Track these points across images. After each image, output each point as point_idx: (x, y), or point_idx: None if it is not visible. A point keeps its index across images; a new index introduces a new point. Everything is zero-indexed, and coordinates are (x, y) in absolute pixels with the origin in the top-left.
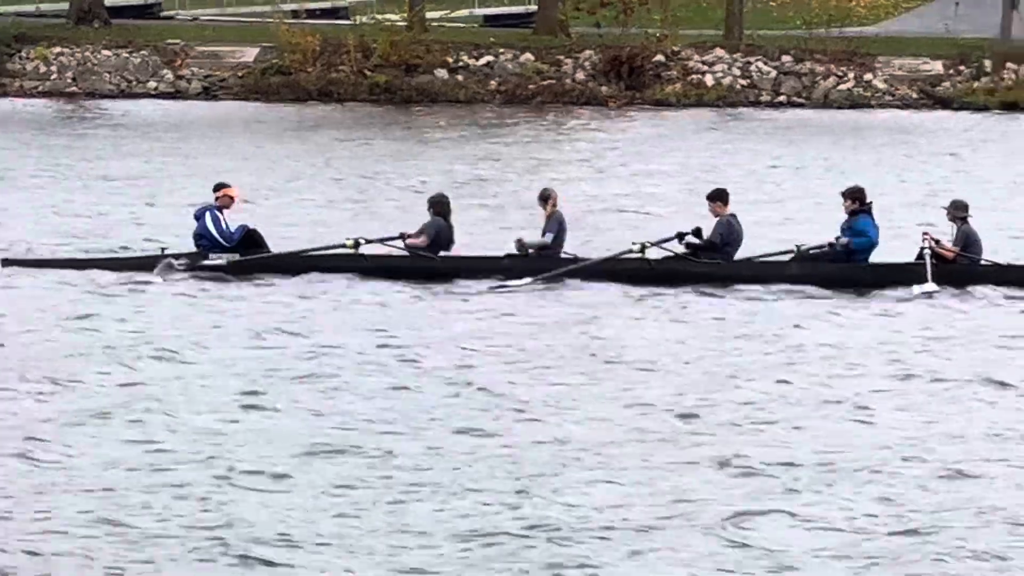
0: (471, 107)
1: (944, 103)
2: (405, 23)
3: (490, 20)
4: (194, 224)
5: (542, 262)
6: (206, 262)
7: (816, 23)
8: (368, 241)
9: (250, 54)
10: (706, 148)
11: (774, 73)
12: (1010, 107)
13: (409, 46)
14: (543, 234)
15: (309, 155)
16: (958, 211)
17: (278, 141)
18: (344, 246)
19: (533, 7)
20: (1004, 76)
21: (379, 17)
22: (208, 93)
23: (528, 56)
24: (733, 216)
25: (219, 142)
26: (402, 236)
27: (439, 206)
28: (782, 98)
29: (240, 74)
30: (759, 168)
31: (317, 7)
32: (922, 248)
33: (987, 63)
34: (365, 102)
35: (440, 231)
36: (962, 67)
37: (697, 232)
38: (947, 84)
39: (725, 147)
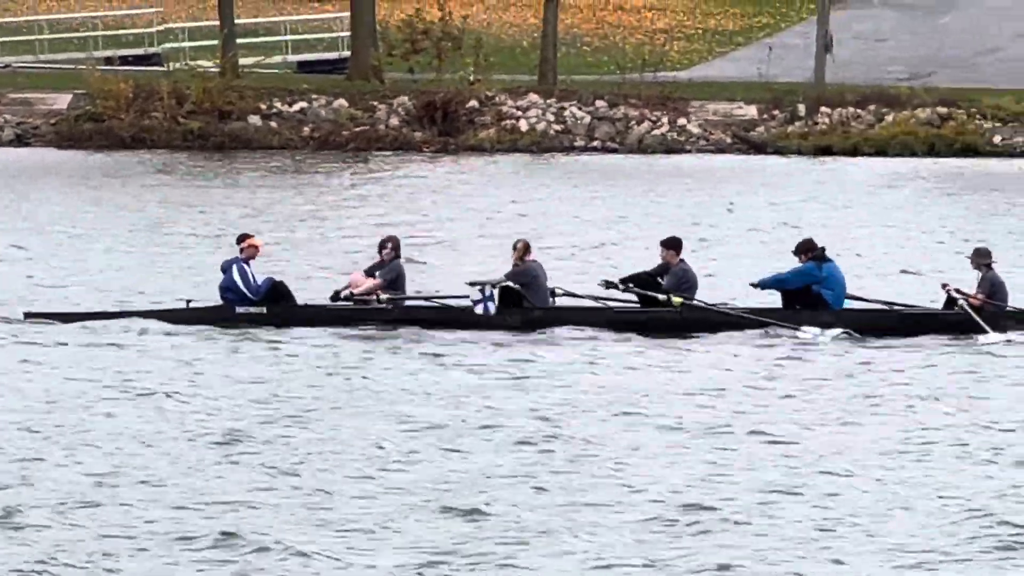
0: (284, 153)
1: (758, 148)
2: (218, 69)
3: (304, 66)
4: (220, 276)
5: (533, 313)
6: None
7: (630, 68)
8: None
9: (63, 101)
10: (515, 193)
11: (588, 118)
12: (824, 151)
13: (222, 92)
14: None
15: (108, 204)
16: (982, 258)
17: (83, 189)
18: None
19: (347, 53)
20: (818, 120)
21: (192, 64)
22: (21, 140)
23: (342, 102)
24: (683, 262)
25: (23, 190)
26: (336, 294)
27: (399, 248)
28: (596, 143)
29: (53, 121)
30: (568, 212)
31: (130, 54)
32: (954, 299)
33: (801, 107)
34: (179, 149)
35: (401, 274)
36: (776, 112)
37: (609, 284)
38: (761, 129)
39: (535, 192)
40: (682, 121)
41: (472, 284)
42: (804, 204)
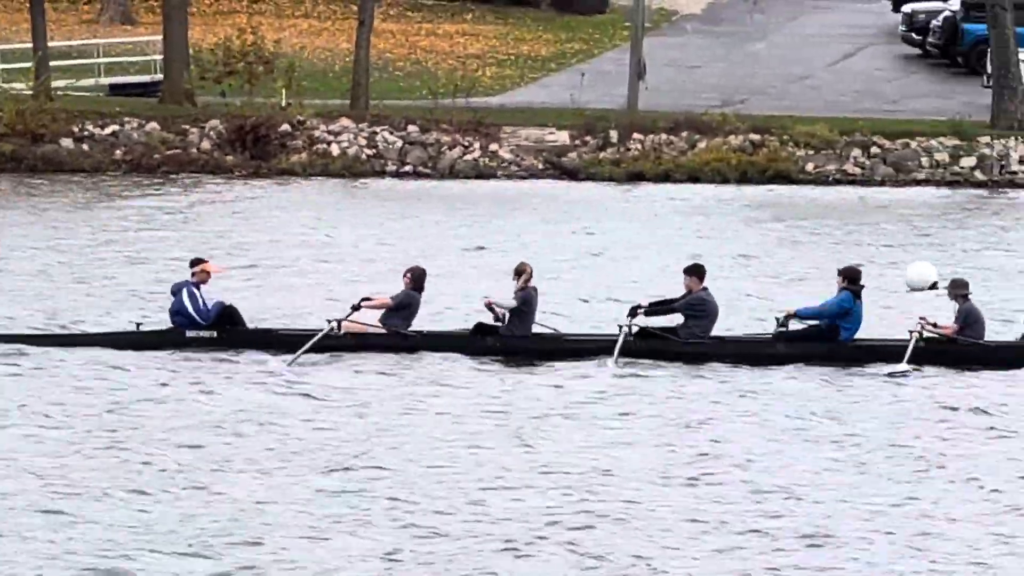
0: (96, 176)
1: (571, 174)
2: (31, 92)
3: (116, 89)
4: (171, 299)
5: (516, 341)
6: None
7: (442, 93)
8: (344, 318)
9: None
10: (319, 217)
11: (400, 143)
12: (636, 177)
13: (35, 115)
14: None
15: None
16: (958, 289)
17: None
18: (332, 330)
19: (160, 76)
20: (630, 147)
21: (5, 86)
22: None
23: (154, 125)
24: (706, 291)
25: None
26: (365, 300)
27: (418, 280)
28: (408, 168)
29: None
30: (367, 237)
31: None
32: (911, 331)
33: (613, 134)
34: None
35: (411, 304)
36: (588, 138)
37: (634, 311)
38: (573, 155)
39: (343, 217)
40: (494, 147)
41: (489, 307)
42: (612, 230)
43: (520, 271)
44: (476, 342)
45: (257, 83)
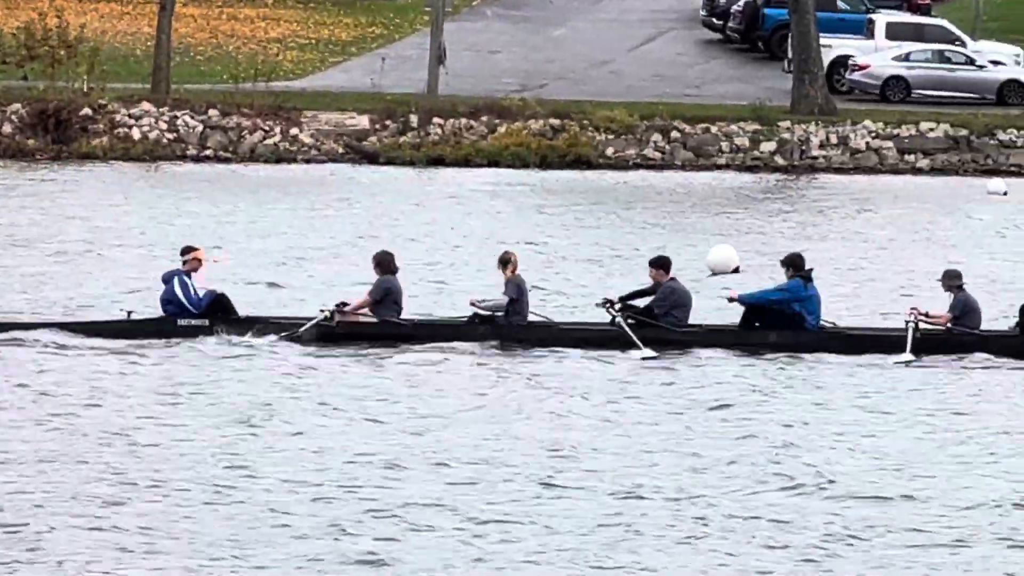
0: None
1: (371, 158)
2: None
3: None
4: (161, 287)
5: (513, 330)
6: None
7: (244, 77)
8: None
9: None
10: (112, 203)
11: (201, 127)
12: (436, 162)
13: None
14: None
15: None
16: (952, 280)
17: None
18: (325, 317)
19: None
20: (430, 131)
21: None
22: None
23: None
24: (674, 280)
25: None
26: (341, 305)
27: (385, 264)
28: (208, 152)
29: None
30: (150, 222)
31: None
32: (907, 321)
33: (413, 118)
34: None
35: (390, 289)
36: (388, 122)
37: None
38: (373, 139)
39: (140, 201)
40: (294, 131)
41: (479, 304)
42: (406, 214)
43: (506, 261)
44: (473, 331)
45: (60, 67)
